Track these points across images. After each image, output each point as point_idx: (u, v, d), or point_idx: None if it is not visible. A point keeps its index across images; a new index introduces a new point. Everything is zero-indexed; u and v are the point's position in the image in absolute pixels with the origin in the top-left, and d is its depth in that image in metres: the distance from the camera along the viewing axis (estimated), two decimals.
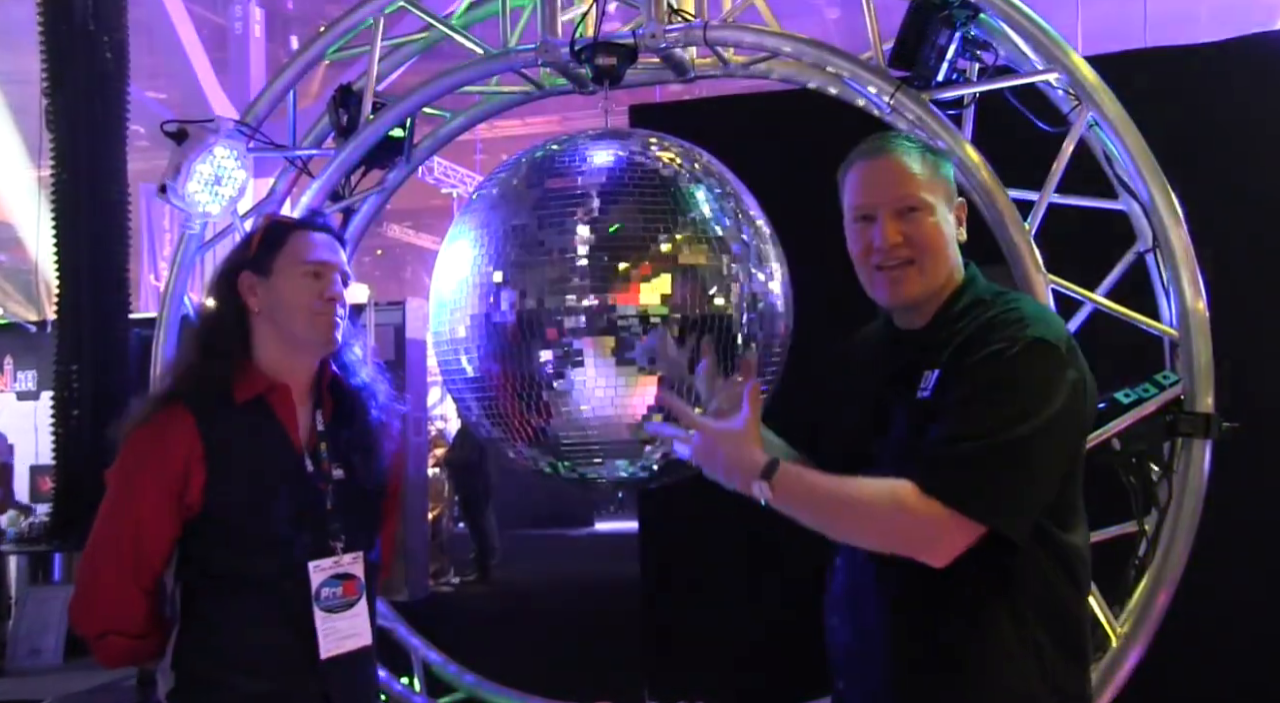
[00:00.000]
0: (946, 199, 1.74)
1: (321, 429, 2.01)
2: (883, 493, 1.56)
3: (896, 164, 1.73)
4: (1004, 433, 1.55)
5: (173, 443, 1.88)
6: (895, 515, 1.55)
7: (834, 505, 1.59)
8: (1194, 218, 2.85)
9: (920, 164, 1.73)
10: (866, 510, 1.58)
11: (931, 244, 1.70)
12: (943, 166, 1.77)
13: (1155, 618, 2.77)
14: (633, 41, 3.07)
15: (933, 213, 1.70)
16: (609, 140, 2.65)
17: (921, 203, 1.70)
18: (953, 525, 1.53)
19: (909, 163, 1.72)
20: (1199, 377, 2.79)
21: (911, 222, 1.70)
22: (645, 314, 2.38)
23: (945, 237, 1.72)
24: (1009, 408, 1.56)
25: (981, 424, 1.56)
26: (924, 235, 1.70)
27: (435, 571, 9.17)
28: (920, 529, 1.55)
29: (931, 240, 1.70)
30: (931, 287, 1.73)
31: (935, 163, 1.76)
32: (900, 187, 1.71)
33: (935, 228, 1.70)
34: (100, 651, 1.97)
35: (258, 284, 1.98)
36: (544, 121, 16.43)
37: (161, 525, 1.90)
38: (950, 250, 1.73)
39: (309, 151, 3.64)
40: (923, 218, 1.70)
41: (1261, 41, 3.89)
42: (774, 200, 2.75)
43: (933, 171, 1.73)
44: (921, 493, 1.53)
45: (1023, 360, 1.59)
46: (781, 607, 2.44)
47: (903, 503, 1.54)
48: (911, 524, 1.55)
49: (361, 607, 1.99)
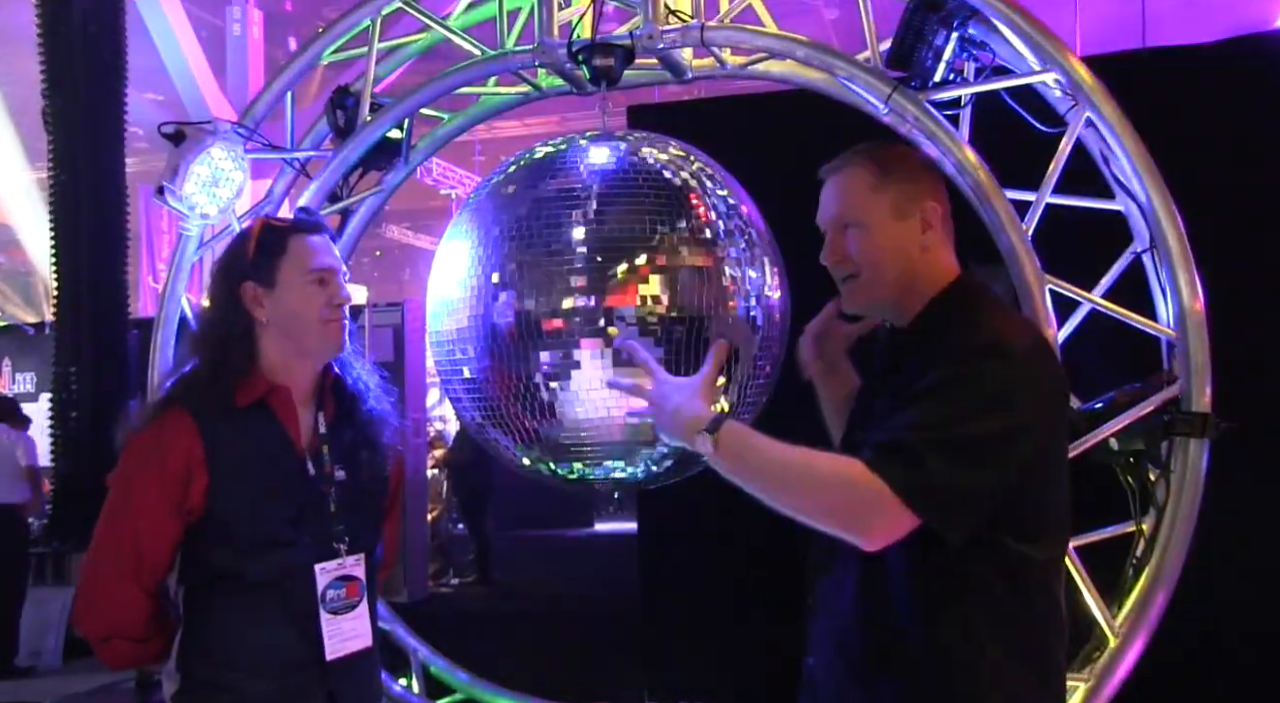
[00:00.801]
0: (894, 210, 1.77)
1: (324, 431, 2.02)
2: (828, 466, 1.60)
3: (839, 183, 1.81)
4: (958, 429, 1.56)
5: (173, 447, 1.88)
6: (837, 489, 1.58)
7: (776, 470, 1.61)
8: (1191, 218, 2.85)
9: (867, 179, 1.78)
10: (810, 480, 1.60)
11: (868, 259, 1.77)
12: (899, 176, 1.80)
13: (1153, 618, 2.77)
14: (630, 42, 3.07)
15: (870, 228, 1.77)
16: (606, 141, 2.65)
17: (857, 220, 1.78)
18: (891, 510, 1.55)
19: (853, 180, 1.79)
20: (1196, 376, 2.79)
21: (851, 239, 1.78)
22: (643, 315, 2.38)
23: (884, 249, 1.77)
24: (966, 407, 1.58)
25: (938, 418, 1.58)
26: (860, 251, 1.77)
27: (434, 571, 9.17)
28: (859, 507, 1.57)
29: (868, 256, 1.77)
30: (881, 295, 1.79)
31: (886, 173, 1.79)
32: (838, 206, 1.80)
33: (872, 243, 1.77)
34: (104, 653, 1.97)
35: (264, 296, 1.97)
36: (542, 122, 16.44)
37: (163, 529, 1.90)
38: (897, 260, 1.77)
39: (307, 153, 3.64)
40: (859, 234, 1.77)
41: (1259, 42, 3.89)
42: (771, 201, 2.75)
43: (877, 185, 1.78)
44: (868, 472, 1.55)
45: (986, 365, 1.61)
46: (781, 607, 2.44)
47: (846, 478, 1.56)
48: (851, 500, 1.57)
49: (363, 608, 2.00)
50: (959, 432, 1.57)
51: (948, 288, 1.79)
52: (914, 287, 1.79)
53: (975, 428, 1.56)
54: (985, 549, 1.61)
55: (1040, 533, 1.67)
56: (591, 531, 12.27)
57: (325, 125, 3.59)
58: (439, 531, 9.75)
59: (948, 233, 1.82)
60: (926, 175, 1.85)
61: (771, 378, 2.65)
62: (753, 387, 2.57)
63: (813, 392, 2.16)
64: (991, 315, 1.72)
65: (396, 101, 3.47)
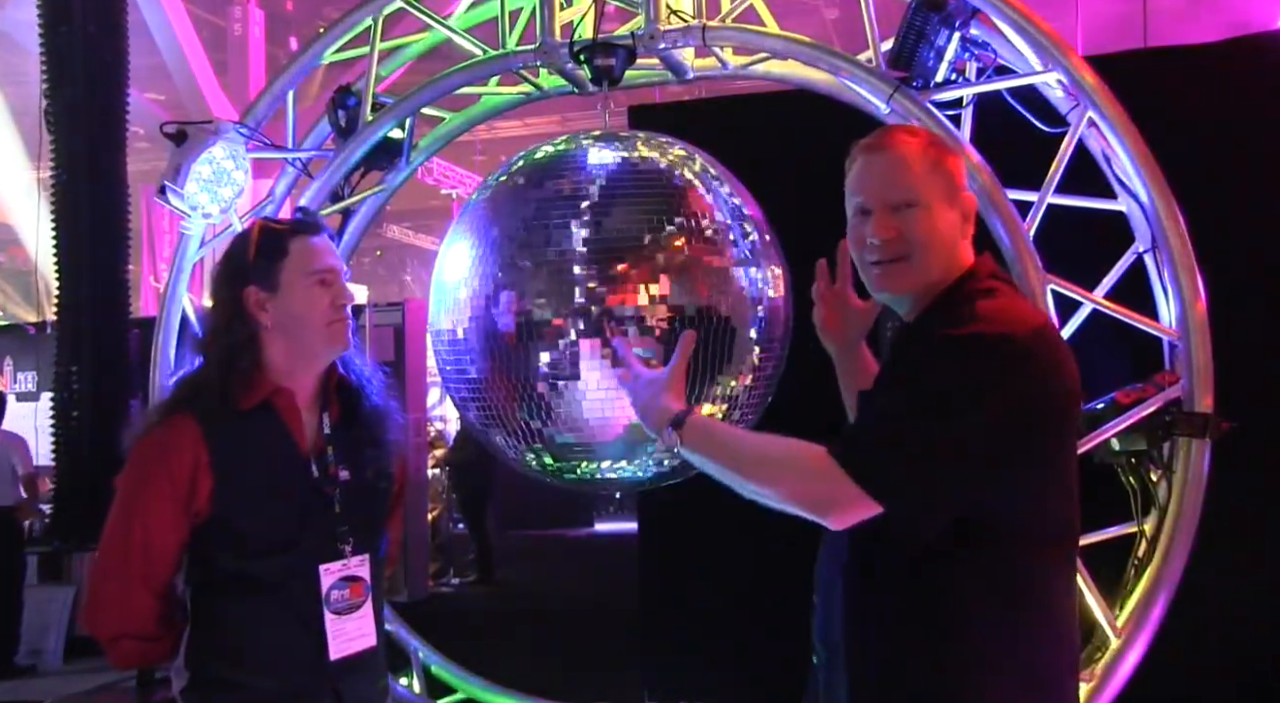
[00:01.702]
0: (946, 194, 1.70)
1: (328, 432, 2.02)
2: (788, 450, 1.61)
3: (893, 158, 1.70)
4: (922, 420, 1.53)
5: (179, 451, 1.89)
6: (795, 474, 1.59)
7: (740, 458, 1.65)
8: (1193, 218, 2.85)
9: (920, 158, 1.69)
10: (771, 465, 1.63)
11: (924, 240, 1.67)
12: (946, 160, 1.73)
13: (1155, 618, 2.77)
14: (631, 42, 3.07)
15: (928, 209, 1.67)
16: (608, 141, 2.65)
17: (916, 198, 1.67)
18: (851, 495, 1.54)
19: (907, 157, 1.69)
20: (1198, 377, 2.79)
21: (906, 217, 1.67)
22: (645, 315, 2.38)
23: (940, 232, 1.68)
24: (935, 397, 1.54)
25: (903, 407, 1.55)
26: (917, 231, 1.67)
27: (435, 571, 9.17)
28: (819, 491, 1.57)
29: (924, 236, 1.67)
30: (922, 282, 1.70)
31: (938, 157, 1.72)
32: (895, 181, 1.68)
33: (930, 224, 1.67)
34: (113, 653, 1.99)
35: (267, 300, 1.97)
36: (543, 122, 16.42)
37: (170, 532, 1.91)
38: (946, 246, 1.69)
39: (309, 153, 3.64)
40: (917, 214, 1.67)
41: (1261, 42, 3.89)
42: (773, 200, 2.75)
43: (933, 166, 1.70)
44: (827, 457, 1.55)
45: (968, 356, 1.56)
46: (781, 608, 2.44)
47: (807, 463, 1.58)
48: (811, 486, 1.58)
49: (368, 609, 2.01)
50: (921, 424, 1.52)
51: (956, 280, 1.70)
52: (946, 279, 1.70)
53: (941, 423, 1.51)
54: (975, 555, 1.57)
55: (1038, 541, 1.60)
56: (592, 530, 12.27)
57: (327, 125, 3.59)
58: (439, 530, 9.75)
59: (973, 228, 1.76)
60: (962, 166, 1.77)
61: (775, 376, 2.65)
62: (757, 385, 2.57)
63: (814, 389, 2.16)
64: (987, 303, 1.62)
65: (398, 101, 3.47)
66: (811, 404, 2.20)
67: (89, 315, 7.12)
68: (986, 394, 1.53)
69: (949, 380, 1.54)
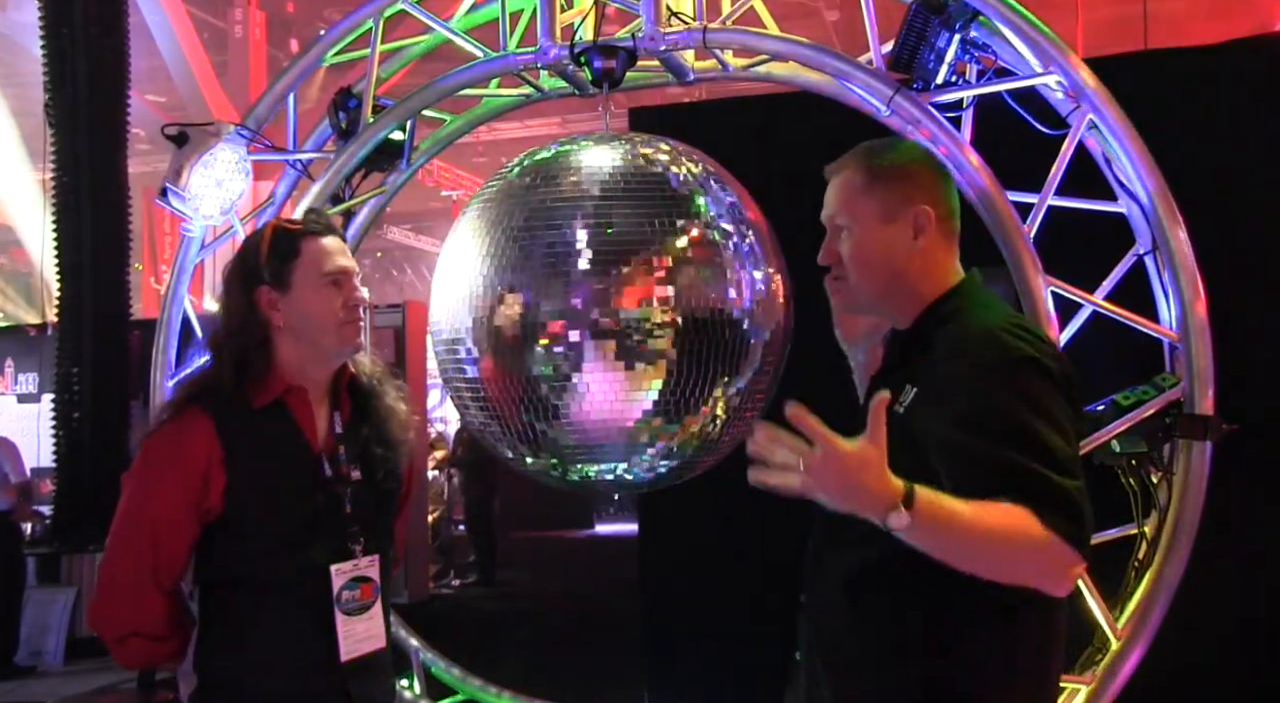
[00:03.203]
0: (881, 214, 1.77)
1: (340, 431, 2.02)
2: (1015, 528, 1.49)
3: (835, 184, 1.83)
4: (1067, 458, 1.55)
5: (193, 448, 1.89)
6: (1030, 555, 1.51)
7: (972, 539, 1.49)
8: (1193, 220, 2.85)
9: (856, 182, 1.79)
10: (1005, 548, 1.51)
11: (854, 261, 1.79)
12: (888, 179, 1.79)
13: (1155, 621, 2.77)
14: (632, 44, 3.07)
15: (855, 231, 1.79)
16: (609, 143, 2.65)
17: (846, 222, 1.80)
18: (1071, 559, 1.51)
19: (844, 182, 1.82)
20: (1198, 379, 2.79)
21: (841, 239, 1.81)
22: (645, 316, 2.38)
23: (869, 252, 1.78)
24: (1057, 433, 1.56)
25: (1048, 448, 1.55)
26: (847, 252, 1.80)
27: (435, 572, 9.17)
28: (1050, 568, 1.53)
29: (854, 258, 1.79)
30: (863, 298, 1.82)
31: (875, 177, 1.79)
32: (831, 206, 1.83)
33: (857, 245, 1.79)
34: (121, 653, 1.98)
35: (279, 300, 1.97)
36: (544, 124, 16.43)
37: (180, 529, 1.91)
38: (880, 263, 1.78)
39: (309, 154, 3.64)
40: (846, 236, 1.80)
41: (1261, 44, 3.89)
42: (773, 202, 2.75)
43: (865, 188, 1.78)
44: (1041, 526, 1.48)
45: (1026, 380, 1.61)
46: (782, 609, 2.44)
47: (1034, 540, 1.49)
48: (1044, 564, 1.52)
49: (377, 609, 2.01)
50: (1069, 462, 1.55)
51: (948, 293, 1.77)
52: (907, 290, 1.78)
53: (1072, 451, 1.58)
54: None
55: None
56: (592, 532, 12.28)
57: (327, 127, 3.59)
58: (439, 532, 9.75)
59: (947, 235, 1.79)
60: (924, 178, 1.80)
61: (775, 377, 2.65)
62: (758, 385, 2.57)
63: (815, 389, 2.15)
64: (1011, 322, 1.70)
65: (399, 103, 3.47)
66: (812, 404, 2.19)
67: (90, 317, 7.13)
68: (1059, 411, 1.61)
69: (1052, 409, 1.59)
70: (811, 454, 1.41)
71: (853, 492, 1.45)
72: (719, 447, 2.61)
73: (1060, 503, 1.49)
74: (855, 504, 1.45)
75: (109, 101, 7.18)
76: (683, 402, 2.44)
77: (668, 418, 2.46)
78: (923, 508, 1.44)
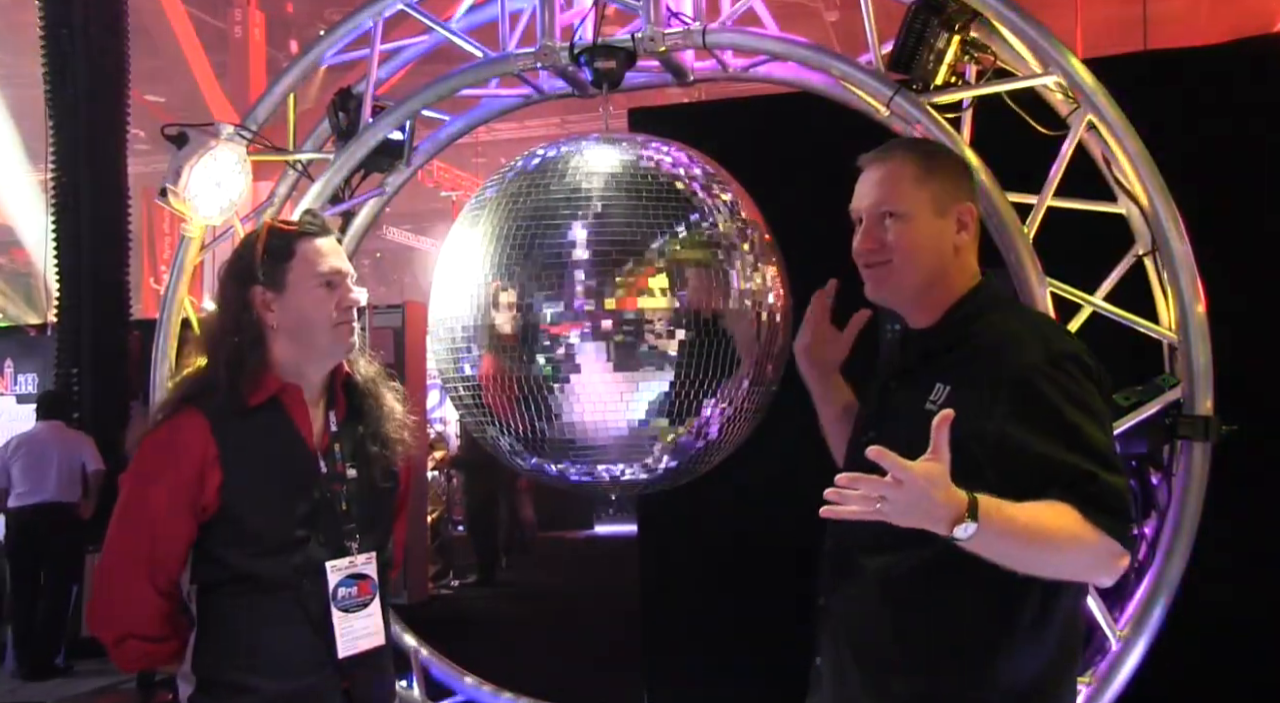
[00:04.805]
0: (934, 205, 1.80)
1: (335, 429, 2.02)
2: (1068, 529, 1.56)
3: (884, 172, 1.82)
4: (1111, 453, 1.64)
5: (188, 446, 1.90)
6: (1082, 553, 1.59)
7: (1029, 543, 1.56)
8: (1193, 221, 2.85)
9: (911, 172, 1.80)
10: (1058, 549, 1.58)
11: (903, 248, 1.79)
12: (937, 175, 1.83)
13: (1155, 622, 2.77)
14: (631, 45, 3.07)
15: (910, 220, 1.79)
16: (608, 143, 2.65)
17: (899, 210, 1.79)
18: (1118, 553, 1.60)
19: (897, 171, 1.81)
20: (1198, 380, 2.79)
21: (889, 228, 1.80)
22: (644, 317, 2.38)
23: (920, 242, 1.79)
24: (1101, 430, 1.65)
25: (1094, 446, 1.62)
26: (897, 240, 1.79)
27: (434, 573, 9.17)
28: (1100, 564, 1.61)
29: (903, 245, 1.79)
30: (907, 287, 1.81)
31: (931, 169, 1.82)
32: (880, 194, 1.81)
33: (910, 234, 1.79)
34: (118, 655, 1.98)
35: (273, 300, 1.98)
36: (543, 125, 16.45)
37: (177, 528, 1.91)
38: (929, 255, 1.80)
39: (309, 155, 3.64)
40: (898, 224, 1.79)
41: (1261, 44, 3.89)
42: (773, 202, 2.75)
43: (922, 179, 1.80)
44: (1091, 526, 1.56)
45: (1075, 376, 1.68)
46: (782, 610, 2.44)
47: (1085, 540, 1.56)
48: (1094, 560, 1.61)
49: (375, 607, 2.01)
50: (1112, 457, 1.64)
51: (972, 292, 1.82)
52: (940, 285, 1.81)
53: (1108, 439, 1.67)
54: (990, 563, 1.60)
55: None
56: (591, 532, 12.28)
57: (327, 127, 3.59)
58: (439, 532, 9.75)
59: (974, 236, 1.85)
60: (966, 178, 1.88)
61: (775, 379, 2.65)
62: (756, 388, 2.57)
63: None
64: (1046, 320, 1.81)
65: (398, 104, 3.47)
66: (812, 404, 2.20)
67: (89, 317, 7.13)
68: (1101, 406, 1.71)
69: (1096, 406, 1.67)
70: (890, 486, 1.46)
71: (923, 509, 1.49)
72: (719, 447, 2.61)
73: (1108, 501, 1.58)
74: (925, 520, 1.49)
75: (109, 101, 7.18)
76: (682, 402, 2.44)
77: (667, 418, 2.46)
78: (986, 518, 1.49)
